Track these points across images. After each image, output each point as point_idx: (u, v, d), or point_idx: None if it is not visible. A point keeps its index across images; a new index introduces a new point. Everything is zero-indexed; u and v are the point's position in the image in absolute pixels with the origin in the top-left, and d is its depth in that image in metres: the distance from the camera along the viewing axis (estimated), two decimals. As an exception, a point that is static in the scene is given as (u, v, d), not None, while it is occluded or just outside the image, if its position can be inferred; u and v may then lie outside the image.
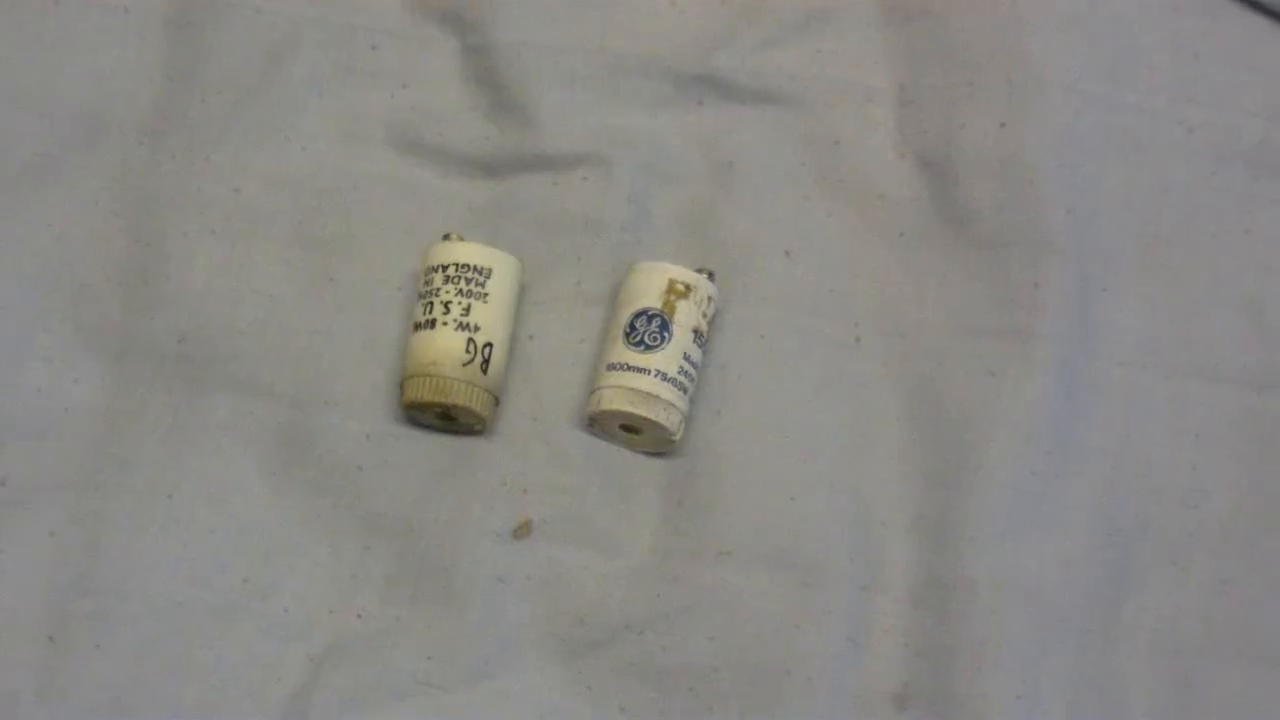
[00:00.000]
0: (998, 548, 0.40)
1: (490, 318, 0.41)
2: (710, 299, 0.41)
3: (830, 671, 0.39)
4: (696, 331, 0.41)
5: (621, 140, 0.44)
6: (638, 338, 0.40)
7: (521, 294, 0.42)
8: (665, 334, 0.40)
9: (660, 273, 0.41)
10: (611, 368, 0.40)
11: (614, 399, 0.40)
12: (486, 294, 0.41)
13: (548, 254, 0.43)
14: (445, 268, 0.41)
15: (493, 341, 0.40)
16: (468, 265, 0.41)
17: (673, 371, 0.40)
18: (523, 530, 0.40)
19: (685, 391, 0.41)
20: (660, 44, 0.45)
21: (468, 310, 0.40)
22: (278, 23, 0.45)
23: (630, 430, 0.41)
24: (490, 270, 0.41)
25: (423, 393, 0.40)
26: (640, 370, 0.40)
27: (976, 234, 0.43)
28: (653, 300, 0.41)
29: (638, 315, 0.41)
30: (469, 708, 0.39)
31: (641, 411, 0.40)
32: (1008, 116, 0.44)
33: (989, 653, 0.39)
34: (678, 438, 0.41)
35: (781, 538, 0.40)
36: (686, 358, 0.40)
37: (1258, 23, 0.46)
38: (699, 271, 0.41)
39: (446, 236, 0.42)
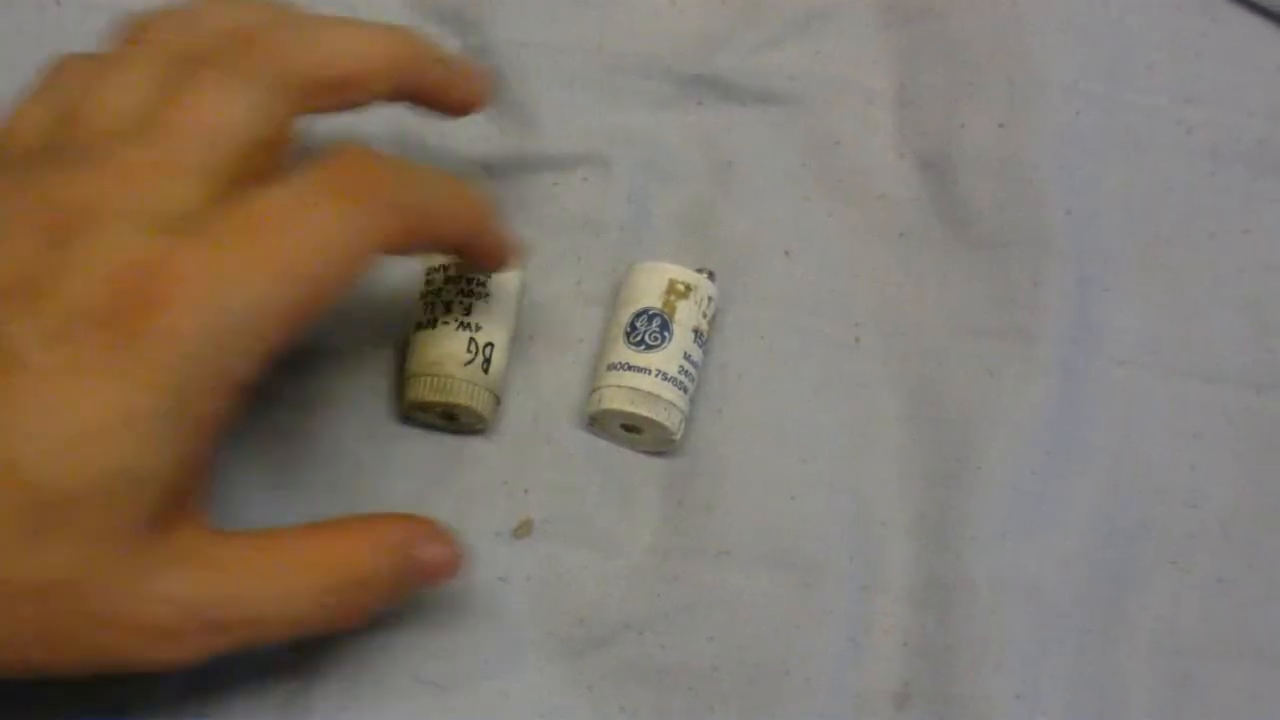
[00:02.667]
0: (998, 548, 0.40)
1: (491, 317, 0.41)
2: (710, 299, 0.41)
3: (830, 671, 0.39)
4: (697, 331, 0.41)
5: (621, 140, 0.44)
6: (638, 337, 0.40)
7: (522, 294, 0.42)
8: (666, 334, 0.40)
9: (660, 273, 0.41)
10: (612, 367, 0.40)
11: (614, 398, 0.40)
12: (488, 294, 0.41)
13: (548, 254, 0.43)
14: (446, 267, 0.41)
15: (494, 341, 0.40)
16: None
17: (673, 371, 0.40)
18: (523, 530, 0.40)
19: (686, 391, 0.41)
20: (660, 44, 0.45)
21: (469, 310, 0.40)
22: (278, 23, 0.45)
23: (631, 430, 0.41)
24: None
25: (425, 392, 0.40)
26: (641, 370, 0.40)
27: (976, 234, 0.43)
28: (653, 300, 0.41)
29: (638, 315, 0.41)
30: (469, 708, 0.39)
31: (642, 411, 0.40)
32: (1008, 117, 0.44)
33: (989, 652, 0.39)
34: (678, 437, 0.41)
35: (781, 538, 0.40)
36: (687, 357, 0.40)
37: (1258, 23, 0.46)
38: (699, 271, 0.41)
39: (447, 236, 0.42)
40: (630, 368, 0.40)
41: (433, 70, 0.36)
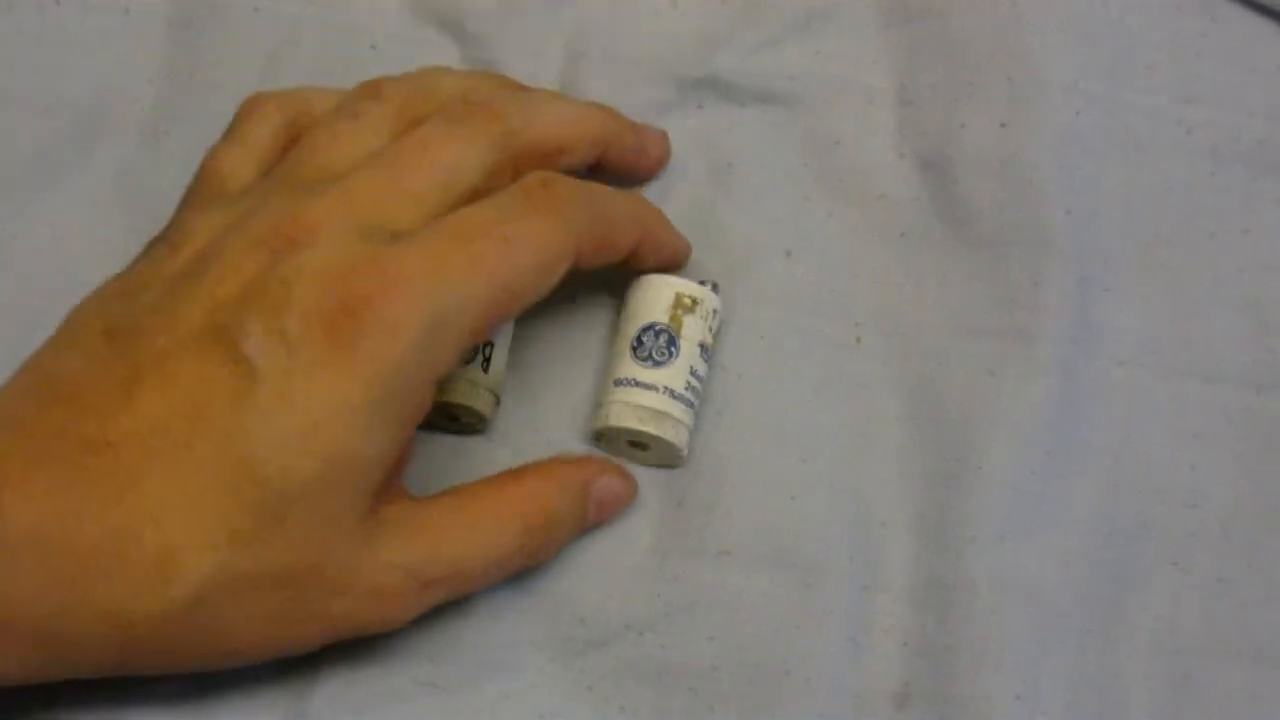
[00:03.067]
0: (998, 548, 0.40)
1: (491, 317, 0.41)
2: (715, 311, 0.41)
3: (830, 671, 0.39)
4: (703, 346, 0.41)
5: (622, 140, 0.44)
6: (645, 353, 0.40)
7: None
8: (673, 349, 0.40)
9: (667, 286, 0.41)
10: (619, 383, 0.40)
11: (622, 415, 0.40)
12: (487, 293, 0.41)
13: (547, 254, 0.43)
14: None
15: (493, 340, 0.40)
16: (468, 265, 0.41)
17: (680, 388, 0.40)
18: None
19: (693, 407, 0.40)
20: (660, 45, 0.45)
21: (469, 310, 0.40)
22: (278, 23, 0.45)
23: (637, 446, 0.41)
24: (491, 270, 0.41)
25: (423, 392, 0.40)
26: (649, 387, 0.40)
27: (977, 234, 0.43)
28: (660, 315, 0.40)
29: (645, 330, 0.40)
30: (469, 709, 0.39)
31: (651, 429, 0.40)
32: (1008, 117, 0.44)
33: (989, 652, 0.39)
34: (685, 453, 0.41)
35: (781, 538, 0.40)
36: (693, 373, 0.40)
37: (1257, 23, 0.46)
38: (703, 284, 0.41)
39: (447, 236, 0.42)
40: (638, 384, 0.40)
41: (628, 141, 0.42)
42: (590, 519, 0.39)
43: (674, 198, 0.44)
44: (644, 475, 0.41)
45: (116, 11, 0.45)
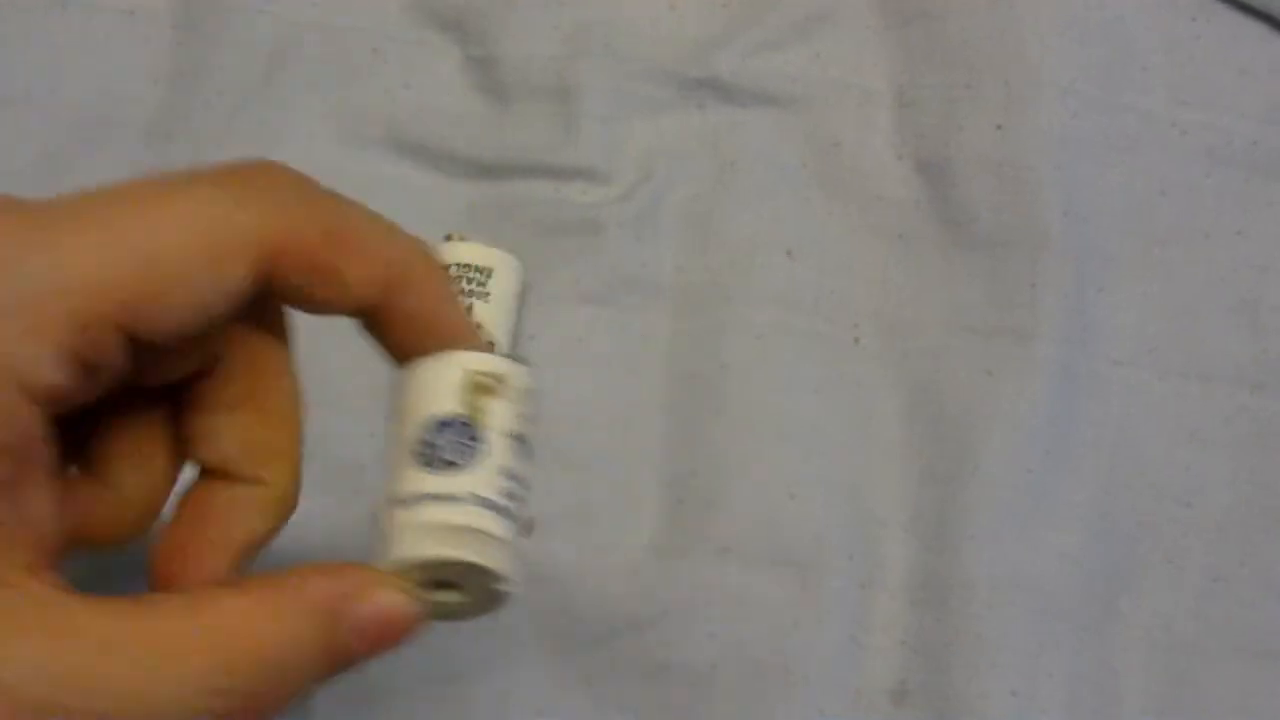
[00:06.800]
0: (995, 546, 0.41)
1: (492, 317, 0.40)
2: (531, 392, 0.28)
3: (829, 668, 0.40)
4: (519, 438, 0.28)
5: (623, 142, 0.44)
6: (433, 456, 0.27)
7: (523, 293, 0.42)
8: (475, 444, 0.27)
9: (452, 364, 0.28)
10: (401, 502, 0.26)
11: (416, 543, 0.26)
12: (488, 293, 0.41)
13: (548, 254, 0.43)
14: (446, 268, 0.41)
15: (493, 340, 0.40)
16: (469, 265, 0.41)
17: (493, 493, 0.27)
18: (524, 529, 0.40)
19: (516, 522, 0.27)
20: (661, 48, 0.45)
21: (470, 309, 0.40)
22: (281, 25, 0.45)
23: (444, 587, 0.27)
24: (491, 270, 0.41)
25: (425, 391, 0.39)
26: (446, 498, 0.26)
27: (975, 235, 0.43)
28: (449, 403, 0.27)
29: (430, 426, 0.27)
30: (469, 705, 0.39)
31: (459, 553, 0.26)
32: (1005, 118, 0.44)
33: (986, 650, 0.40)
34: (515, 589, 0.28)
35: (781, 536, 0.41)
36: (510, 475, 0.27)
37: (1250, 26, 0.46)
38: (506, 356, 0.29)
39: (448, 237, 0.42)
40: (430, 497, 0.26)
41: None
42: (354, 652, 0.26)
43: (675, 197, 0.44)
44: (643, 474, 0.41)
45: (121, 14, 0.45)
